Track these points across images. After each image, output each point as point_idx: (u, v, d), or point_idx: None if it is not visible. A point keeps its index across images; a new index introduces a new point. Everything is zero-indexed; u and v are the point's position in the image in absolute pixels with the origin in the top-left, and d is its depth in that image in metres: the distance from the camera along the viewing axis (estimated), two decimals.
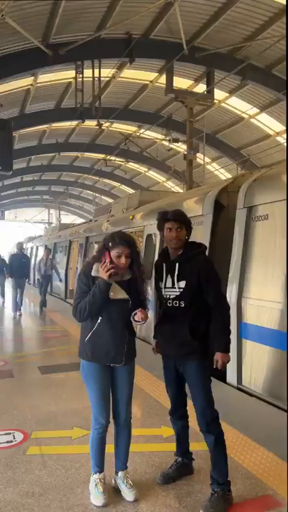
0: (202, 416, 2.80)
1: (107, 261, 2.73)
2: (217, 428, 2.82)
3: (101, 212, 14.85)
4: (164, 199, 9.34)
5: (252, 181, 5.33)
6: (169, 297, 2.90)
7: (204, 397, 2.81)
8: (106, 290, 2.71)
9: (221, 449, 2.81)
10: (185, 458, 3.08)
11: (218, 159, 23.02)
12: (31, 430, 3.86)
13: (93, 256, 2.89)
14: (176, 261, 2.92)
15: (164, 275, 2.95)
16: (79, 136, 23.70)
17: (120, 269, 2.76)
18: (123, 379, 2.84)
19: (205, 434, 2.82)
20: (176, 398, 3.03)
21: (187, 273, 2.86)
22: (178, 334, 2.83)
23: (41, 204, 40.95)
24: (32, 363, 6.32)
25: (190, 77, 16.19)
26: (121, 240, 2.77)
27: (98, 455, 2.83)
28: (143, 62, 15.11)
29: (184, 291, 2.85)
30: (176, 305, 2.86)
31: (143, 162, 23.30)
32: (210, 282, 2.85)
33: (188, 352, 2.82)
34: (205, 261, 2.94)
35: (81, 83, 14.96)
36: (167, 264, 2.95)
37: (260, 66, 14.83)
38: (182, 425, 3.06)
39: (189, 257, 2.91)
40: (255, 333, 4.93)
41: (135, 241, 2.91)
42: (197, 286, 2.83)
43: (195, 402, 2.84)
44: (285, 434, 3.44)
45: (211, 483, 2.78)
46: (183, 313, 2.84)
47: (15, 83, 15.18)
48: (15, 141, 22.58)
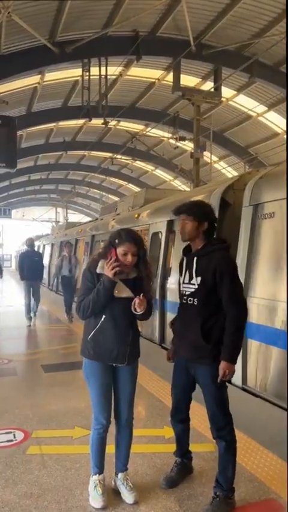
0: (212, 422, 2.71)
1: (112, 258, 2.66)
2: (229, 434, 2.69)
3: (107, 211, 14.81)
4: (169, 197, 9.26)
5: (259, 179, 5.24)
6: (185, 293, 2.80)
7: (215, 403, 2.68)
8: (111, 288, 2.65)
9: (230, 456, 2.70)
10: (184, 458, 3.01)
11: (225, 157, 22.87)
12: (32, 429, 3.82)
13: (99, 252, 2.83)
14: (195, 255, 2.79)
15: (183, 270, 2.85)
16: (86, 135, 23.68)
17: (125, 267, 2.69)
18: (125, 379, 2.78)
19: (216, 440, 2.73)
20: (179, 401, 2.92)
21: (203, 268, 2.71)
22: (188, 333, 2.72)
23: (48, 203, 41.08)
24: (35, 361, 6.29)
25: (197, 75, 16.07)
26: (128, 237, 2.70)
27: (98, 456, 2.77)
28: (149, 60, 15.03)
29: (199, 287, 2.70)
30: (190, 302, 2.75)
31: (149, 160, 23.21)
32: (225, 281, 2.63)
33: (200, 356, 2.69)
34: (223, 258, 2.71)
35: (88, 81, 14.91)
36: (188, 258, 2.84)
37: (268, 64, 14.67)
38: (182, 428, 2.98)
39: (208, 252, 2.74)
40: (261, 333, 4.84)
41: (142, 239, 2.83)
42: (212, 284, 2.65)
43: (207, 407, 2.73)
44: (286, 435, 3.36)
45: (214, 486, 2.71)
46: (196, 312, 2.71)
47: (22, 81, 15.18)
48: (22, 139, 22.66)
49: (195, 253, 2.79)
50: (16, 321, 10.06)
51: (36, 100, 17.67)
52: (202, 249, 2.78)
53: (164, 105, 19.25)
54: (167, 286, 7.30)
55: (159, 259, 7.60)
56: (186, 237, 2.81)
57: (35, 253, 10.33)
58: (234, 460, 2.72)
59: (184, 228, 2.79)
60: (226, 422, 2.69)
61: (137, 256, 2.71)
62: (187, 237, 2.81)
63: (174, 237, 7.36)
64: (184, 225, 2.79)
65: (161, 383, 5.08)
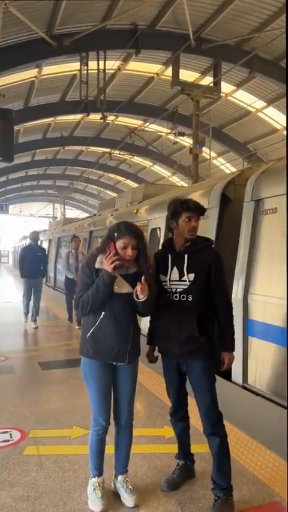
0: (207, 418, 2.67)
1: (111, 252, 2.57)
2: (222, 430, 2.69)
3: (105, 206, 14.70)
4: (168, 193, 9.17)
5: (261, 174, 5.16)
6: (175, 291, 2.72)
7: (210, 399, 2.68)
8: (110, 283, 2.55)
9: (226, 452, 2.68)
10: (187, 460, 2.95)
11: (224, 153, 22.78)
12: (29, 429, 3.73)
13: (98, 247, 2.73)
14: (185, 252, 2.75)
15: (169, 267, 2.77)
16: (84, 130, 23.52)
17: (125, 261, 2.60)
18: (125, 379, 2.69)
19: (209, 437, 2.68)
20: (178, 399, 2.88)
21: (197, 265, 2.71)
22: (184, 330, 2.66)
23: (45, 199, 40.90)
24: (33, 359, 6.19)
25: (197, 70, 15.95)
26: (127, 230, 2.60)
27: (97, 459, 2.68)
28: (148, 54, 14.89)
29: (193, 284, 2.68)
30: (183, 299, 2.68)
31: (147, 156, 23.09)
32: (220, 276, 2.72)
33: (194, 349, 2.66)
34: (216, 254, 2.79)
35: (86, 75, 14.76)
36: (173, 255, 2.77)
37: (268, 59, 14.57)
38: (183, 426, 2.92)
39: (199, 249, 2.76)
40: (262, 331, 4.76)
41: (142, 232, 2.73)
42: (206, 280, 2.68)
43: (200, 404, 2.69)
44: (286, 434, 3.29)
45: (213, 488, 2.65)
46: (191, 308, 2.67)
47: (20, 75, 15.02)
48: (19, 134, 22.48)
49: (185, 251, 2.76)
50: (14, 318, 9.95)
51: (33, 94, 17.51)
52: (191, 246, 2.76)
53: (163, 100, 19.12)
54: None
55: None
56: (195, 236, 2.78)
57: (38, 248, 9.11)
58: (229, 455, 2.69)
59: (196, 227, 2.77)
60: (219, 418, 2.68)
61: (137, 249, 2.62)
62: (194, 236, 2.78)
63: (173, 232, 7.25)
64: (197, 224, 2.77)
65: (161, 381, 4.95)
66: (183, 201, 2.83)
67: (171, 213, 2.83)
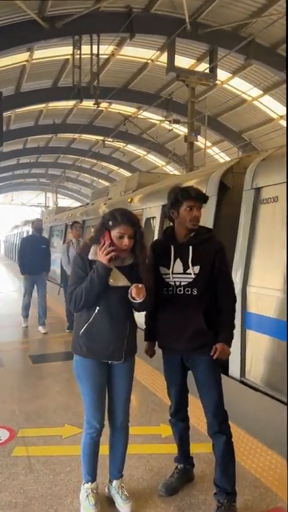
0: (214, 416, 2.52)
1: (106, 242, 2.36)
2: (228, 428, 2.55)
3: (98, 195, 14.42)
4: (163, 181, 8.94)
5: (261, 161, 4.95)
6: (179, 284, 2.54)
7: (217, 396, 2.54)
8: (105, 275, 2.35)
9: (231, 452, 2.54)
10: (186, 463, 2.78)
11: (218, 143, 22.50)
12: (18, 427, 3.55)
13: (91, 237, 2.51)
14: (189, 243, 2.57)
15: (171, 259, 2.57)
16: (77, 117, 23.06)
17: (121, 252, 2.40)
18: (121, 378, 2.50)
19: (215, 435, 2.54)
20: (179, 399, 2.71)
21: (202, 257, 2.54)
22: (191, 324, 2.50)
23: (37, 188, 40.35)
24: (23, 351, 6.00)
25: (192, 56, 15.60)
26: (123, 218, 2.39)
27: (90, 463, 2.50)
28: (143, 39, 14.51)
29: (198, 277, 2.52)
30: (188, 293, 2.52)
31: (142, 144, 22.74)
32: (224, 268, 2.58)
33: (201, 344, 2.51)
34: (220, 245, 2.62)
35: (79, 59, 14.34)
36: (176, 247, 2.58)
37: (265, 45, 14.27)
38: (183, 427, 2.77)
39: (204, 240, 2.59)
40: (261, 324, 4.60)
41: (139, 220, 2.52)
42: (211, 272, 2.54)
43: (207, 401, 2.55)
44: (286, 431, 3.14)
45: (216, 493, 2.49)
46: (196, 301, 2.51)
47: (10, 59, 14.55)
48: (10, 121, 22.00)
49: (189, 242, 2.58)
50: (3, 309, 9.73)
51: (25, 79, 17.05)
52: (195, 237, 2.60)
53: (158, 87, 18.76)
54: None
55: None
56: (197, 225, 2.60)
57: (41, 239, 7.87)
58: (234, 456, 2.55)
59: (198, 217, 2.58)
60: (225, 416, 2.56)
61: (134, 239, 2.41)
62: (197, 226, 2.60)
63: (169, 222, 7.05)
64: (199, 213, 2.59)
65: (156, 375, 4.83)
66: (184, 188, 2.62)
67: (171, 202, 2.63)
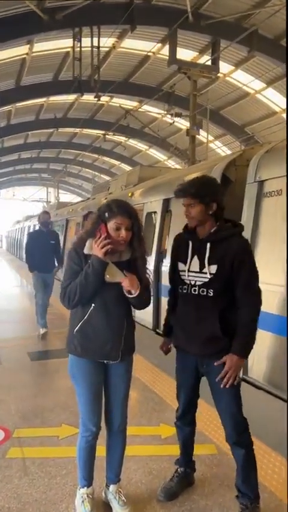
0: (233, 426, 2.36)
1: (102, 235, 2.23)
2: (248, 438, 2.40)
3: (99, 190, 14.29)
4: (165, 175, 8.80)
5: (265, 153, 4.81)
6: (194, 284, 2.37)
7: (235, 403, 2.36)
8: (101, 271, 2.22)
9: (252, 462, 2.41)
10: (187, 468, 2.66)
11: (221, 136, 22.29)
12: (14, 427, 3.44)
13: (86, 230, 2.37)
14: (207, 240, 2.36)
15: (189, 256, 2.41)
16: (78, 111, 22.88)
17: (118, 245, 2.26)
18: (118, 379, 2.39)
19: (233, 446, 2.40)
20: (188, 402, 2.56)
21: (220, 256, 2.31)
22: (205, 328, 2.33)
23: (39, 183, 40.21)
24: (21, 348, 5.89)
25: (194, 48, 15.40)
26: (120, 209, 2.25)
27: (86, 468, 2.39)
28: (144, 31, 14.30)
29: (214, 277, 2.31)
30: (203, 293, 2.34)
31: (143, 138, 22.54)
32: (243, 269, 2.30)
33: (216, 351, 2.32)
34: (242, 244, 2.37)
35: (79, 52, 14.14)
36: (194, 243, 2.41)
37: (269, 37, 14.05)
38: (189, 432, 2.63)
39: (224, 237, 2.35)
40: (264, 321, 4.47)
41: (137, 211, 2.38)
42: (229, 272, 2.30)
43: (223, 410, 2.38)
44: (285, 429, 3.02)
45: (238, 496, 2.41)
46: (212, 303, 2.32)
47: (10, 52, 14.39)
48: (11, 115, 21.85)
49: (207, 239, 2.36)
50: (3, 304, 9.65)
51: (25, 73, 16.88)
52: (216, 233, 2.36)
53: (159, 80, 18.56)
54: (162, 269, 6.92)
55: (154, 239, 7.20)
56: (194, 222, 2.39)
57: (50, 234, 7.24)
58: (255, 465, 2.43)
59: (190, 213, 2.36)
60: (246, 425, 2.38)
61: (131, 231, 2.29)
62: (195, 223, 2.38)
63: (170, 217, 6.94)
64: (190, 209, 2.36)
65: (156, 373, 4.73)
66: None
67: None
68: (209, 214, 2.35)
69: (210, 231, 2.37)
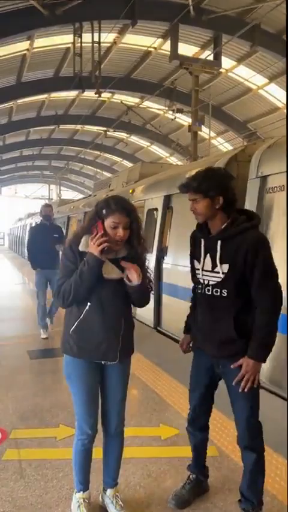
0: (248, 430, 2.24)
1: (99, 232, 2.15)
2: (261, 443, 2.29)
3: (101, 187, 14.20)
4: (166, 171, 8.71)
5: (267, 148, 4.72)
6: (207, 283, 2.26)
7: (250, 407, 2.24)
8: (96, 269, 2.14)
9: (261, 468, 2.30)
10: (200, 474, 2.54)
11: (223, 133, 22.14)
12: (11, 428, 3.38)
13: (83, 226, 2.29)
14: (218, 238, 2.22)
15: (202, 254, 2.30)
16: (79, 108, 22.76)
17: (115, 243, 2.19)
18: (116, 380, 2.31)
19: (245, 450, 2.29)
20: (199, 405, 2.43)
21: (232, 253, 2.17)
22: (219, 330, 2.23)
23: (41, 180, 40.16)
24: (21, 346, 5.84)
25: (196, 43, 15.25)
26: (118, 206, 2.17)
27: (82, 472, 2.32)
28: (146, 26, 14.17)
29: (227, 277, 2.18)
30: (217, 294, 2.23)
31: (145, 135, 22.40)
32: (257, 266, 2.13)
33: (232, 353, 2.21)
34: (256, 239, 2.18)
35: (80, 47, 14.03)
36: (206, 240, 2.29)
37: (271, 32, 13.89)
38: (201, 438, 2.50)
39: (235, 233, 2.19)
40: None
41: (136, 208, 2.30)
42: (243, 271, 2.16)
43: (238, 412, 2.27)
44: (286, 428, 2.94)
45: (241, 501, 2.32)
46: (226, 304, 2.21)
47: (10, 48, 14.30)
48: (12, 112, 21.77)
49: (218, 236, 2.23)
50: (4, 302, 9.60)
51: (25, 69, 16.78)
52: (226, 229, 2.22)
53: (161, 76, 18.40)
54: (163, 267, 6.84)
55: (155, 237, 7.11)
56: (201, 218, 2.27)
57: (52, 228, 6.86)
58: (264, 471, 2.32)
59: (196, 209, 2.24)
60: (259, 430, 2.27)
61: (129, 229, 2.21)
62: (203, 219, 2.26)
63: (171, 213, 6.86)
64: (195, 205, 2.24)
65: (157, 372, 4.66)
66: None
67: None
68: (216, 209, 2.21)
69: (221, 227, 2.23)
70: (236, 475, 2.72)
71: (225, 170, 4.22)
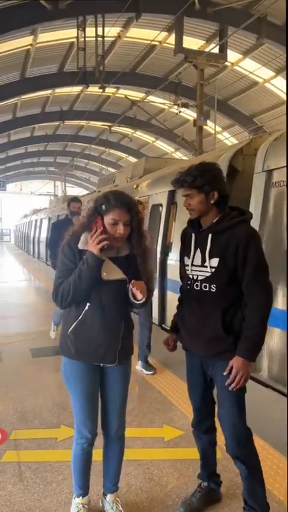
0: (231, 437, 2.15)
1: (98, 229, 2.06)
2: (251, 452, 2.18)
3: (105, 182, 14.14)
4: (171, 166, 8.60)
5: (273, 141, 4.60)
6: (196, 278, 2.19)
7: (236, 412, 2.14)
8: (96, 268, 2.05)
9: (257, 476, 2.19)
10: (211, 482, 2.44)
11: (229, 127, 21.92)
12: (11, 428, 3.32)
13: (82, 223, 2.20)
14: (209, 231, 2.17)
15: (192, 248, 2.24)
16: (84, 103, 22.62)
17: (116, 241, 2.09)
18: (115, 383, 2.22)
19: (235, 460, 2.19)
20: (201, 408, 2.34)
21: (222, 248, 2.12)
22: (206, 327, 2.15)
23: (46, 176, 40.14)
24: (24, 344, 5.78)
25: (201, 36, 15.05)
26: (118, 201, 2.07)
27: (81, 476, 2.24)
28: (150, 19, 13.99)
29: (217, 271, 2.12)
30: (206, 289, 2.16)
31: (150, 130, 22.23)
32: (248, 261, 2.07)
33: (219, 351, 2.14)
34: (247, 233, 2.12)
35: (84, 42, 13.89)
36: (197, 234, 2.24)
37: (278, 24, 13.65)
38: (208, 440, 2.38)
39: (227, 227, 2.14)
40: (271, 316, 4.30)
41: (137, 203, 2.21)
42: (233, 266, 2.09)
43: (223, 417, 2.17)
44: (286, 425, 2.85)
45: (245, 509, 2.23)
46: (214, 300, 2.13)
47: (14, 43, 14.20)
48: (17, 108, 21.71)
49: (209, 229, 2.18)
50: (8, 299, 9.56)
51: (29, 64, 16.67)
52: (218, 223, 2.17)
53: (166, 70, 18.22)
54: (168, 263, 6.75)
55: (159, 233, 7.02)
56: (195, 214, 2.21)
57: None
58: (262, 479, 2.20)
59: (190, 204, 2.19)
60: (247, 437, 2.17)
61: (130, 226, 2.11)
62: (197, 214, 2.20)
63: (176, 209, 6.75)
64: (189, 200, 2.19)
65: (160, 370, 4.58)
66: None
67: None
68: (211, 204, 2.16)
69: (212, 222, 2.18)
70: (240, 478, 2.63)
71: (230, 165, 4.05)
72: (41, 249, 20.78)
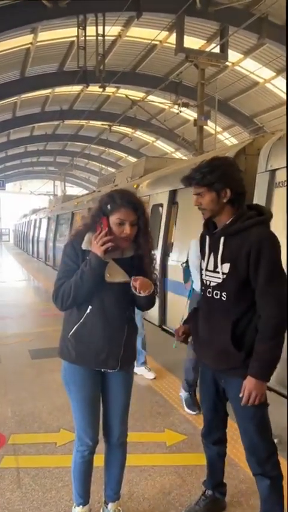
0: (252, 453, 2.02)
1: (103, 230, 1.97)
2: (274, 469, 2.02)
3: (105, 182, 14.06)
4: (171, 166, 8.53)
5: (277, 140, 4.53)
6: (209, 284, 2.05)
7: (255, 427, 1.98)
8: (99, 270, 1.97)
9: (277, 497, 2.05)
10: (216, 491, 2.35)
11: (229, 128, 21.86)
12: (9, 433, 3.24)
13: (86, 222, 2.11)
14: (221, 234, 2.00)
15: (206, 252, 2.10)
16: (84, 102, 22.54)
17: (121, 242, 2.01)
18: (117, 388, 2.15)
19: (256, 477, 2.06)
20: (212, 418, 2.24)
21: (234, 252, 1.93)
22: (216, 338, 2.00)
23: (46, 176, 40.04)
24: (23, 345, 5.70)
25: (202, 36, 14.98)
26: (124, 200, 1.98)
27: (81, 485, 2.17)
28: (151, 18, 13.90)
29: (228, 278, 1.95)
30: (217, 296, 2.01)
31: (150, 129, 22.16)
32: (261, 267, 1.87)
33: (228, 367, 1.99)
34: (262, 236, 1.90)
35: (84, 41, 13.81)
36: (211, 237, 2.08)
37: (279, 23, 13.59)
38: (217, 452, 2.28)
39: (240, 229, 1.94)
40: None
41: (143, 203, 2.10)
42: (246, 272, 1.90)
43: (241, 434, 2.04)
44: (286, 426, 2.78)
45: None
46: (225, 309, 1.97)
47: (14, 41, 14.11)
48: (16, 107, 21.63)
49: (221, 232, 2.01)
50: (6, 299, 9.49)
51: (29, 63, 16.59)
52: (231, 224, 1.98)
53: (166, 70, 18.15)
54: (168, 263, 6.68)
55: (160, 233, 6.95)
56: (207, 214, 2.04)
57: None
58: (282, 500, 2.06)
59: (200, 203, 2.02)
60: (270, 453, 2.02)
61: (137, 226, 2.02)
62: (208, 214, 2.04)
63: (177, 209, 6.69)
64: (199, 199, 2.01)
65: (162, 373, 4.50)
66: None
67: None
68: (223, 203, 1.98)
69: (225, 223, 2.01)
70: (244, 486, 2.57)
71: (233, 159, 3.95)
72: (40, 249, 20.76)
